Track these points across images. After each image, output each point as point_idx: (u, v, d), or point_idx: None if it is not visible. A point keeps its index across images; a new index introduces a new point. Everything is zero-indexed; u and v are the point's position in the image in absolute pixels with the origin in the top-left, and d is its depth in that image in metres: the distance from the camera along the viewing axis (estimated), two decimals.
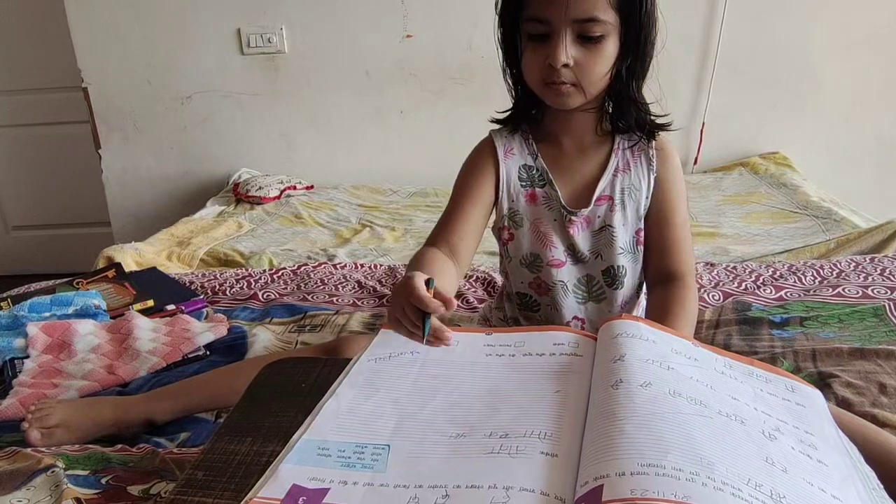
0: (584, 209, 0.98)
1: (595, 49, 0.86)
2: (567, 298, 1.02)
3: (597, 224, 1.00)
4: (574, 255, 1.01)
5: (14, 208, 3.19)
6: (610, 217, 0.98)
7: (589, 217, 0.99)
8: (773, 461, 0.52)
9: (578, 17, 0.83)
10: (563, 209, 0.99)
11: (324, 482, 0.54)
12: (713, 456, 0.50)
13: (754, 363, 0.71)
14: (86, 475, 0.79)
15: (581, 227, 1.00)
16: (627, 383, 0.59)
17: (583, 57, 0.86)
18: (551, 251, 1.00)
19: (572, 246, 1.00)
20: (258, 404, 0.71)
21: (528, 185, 1.00)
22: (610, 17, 0.84)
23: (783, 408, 0.63)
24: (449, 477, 0.54)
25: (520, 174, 1.00)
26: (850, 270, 1.39)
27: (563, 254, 1.01)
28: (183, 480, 0.59)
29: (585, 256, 1.01)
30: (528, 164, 1.00)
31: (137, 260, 1.80)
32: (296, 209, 2.33)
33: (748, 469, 0.50)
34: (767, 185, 2.28)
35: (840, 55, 2.44)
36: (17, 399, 1.04)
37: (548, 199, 1.00)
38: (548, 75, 0.88)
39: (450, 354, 0.72)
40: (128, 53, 2.63)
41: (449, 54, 2.56)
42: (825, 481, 0.52)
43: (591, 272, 1.02)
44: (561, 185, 0.99)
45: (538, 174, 1.00)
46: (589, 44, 0.86)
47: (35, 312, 1.30)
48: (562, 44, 0.85)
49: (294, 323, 1.35)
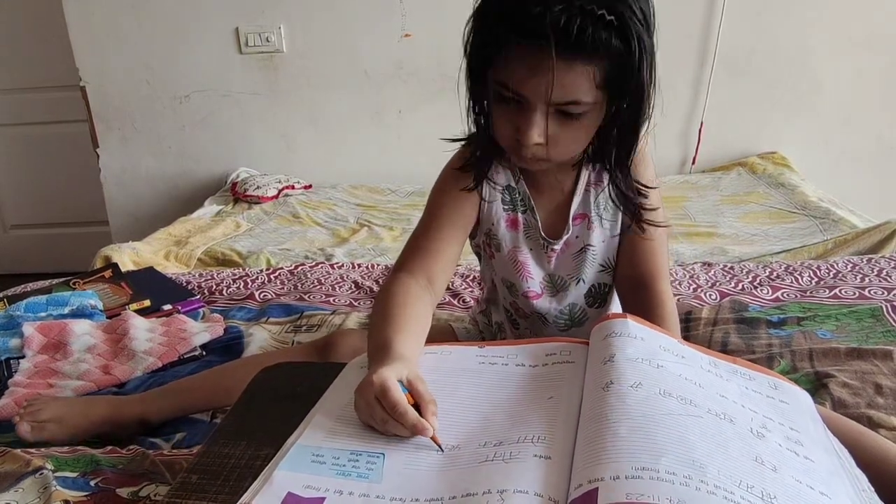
0: (564, 236, 0.93)
1: (574, 125, 0.76)
2: (546, 328, 0.99)
3: (576, 246, 0.94)
4: (553, 284, 0.97)
5: (12, 207, 3.18)
6: (588, 236, 0.93)
7: (568, 241, 0.94)
8: (763, 460, 0.52)
9: (557, 101, 0.73)
10: (541, 239, 0.94)
11: (319, 491, 0.54)
12: (705, 458, 0.50)
13: (737, 361, 0.71)
14: (75, 477, 0.78)
15: (559, 254, 0.95)
16: (618, 384, 0.59)
17: (558, 132, 0.76)
18: (527, 282, 0.96)
19: (551, 276, 0.96)
20: (253, 408, 0.71)
21: (510, 210, 0.93)
22: (594, 97, 0.74)
23: (768, 405, 0.63)
24: (444, 489, 0.54)
25: (503, 197, 0.93)
26: (847, 271, 1.39)
27: (539, 285, 0.97)
28: (177, 484, 0.59)
29: (566, 283, 0.96)
30: (511, 186, 0.93)
31: (135, 259, 1.80)
32: (294, 209, 2.33)
33: (739, 470, 0.50)
34: (765, 185, 2.28)
35: (839, 55, 2.44)
36: (12, 399, 1.03)
37: (528, 226, 0.94)
38: (517, 146, 0.79)
39: (443, 363, 0.72)
40: (126, 52, 2.63)
41: (447, 54, 2.55)
42: (813, 478, 0.53)
43: (573, 300, 0.98)
44: (540, 211, 0.93)
45: (520, 198, 0.93)
46: (567, 119, 0.76)
47: (31, 312, 1.30)
48: (535, 123, 0.74)
49: (290, 323, 1.35)
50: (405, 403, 0.59)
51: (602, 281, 0.97)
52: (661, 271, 0.92)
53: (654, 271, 0.91)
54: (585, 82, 0.72)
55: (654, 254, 0.92)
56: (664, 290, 0.90)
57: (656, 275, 0.91)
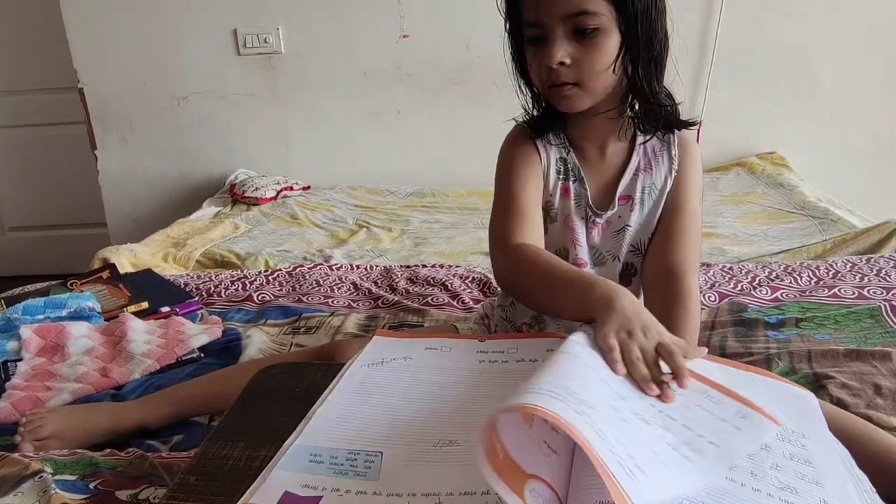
0: (608, 211, 0.96)
1: (591, 44, 0.83)
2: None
3: (616, 225, 0.98)
4: (595, 257, 0.99)
5: (10, 209, 3.18)
6: (628, 216, 0.97)
7: (610, 219, 0.97)
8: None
9: (568, 12, 0.81)
10: (588, 209, 0.97)
11: (316, 490, 0.54)
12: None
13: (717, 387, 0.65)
14: (74, 480, 0.78)
15: (602, 228, 0.98)
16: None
17: (579, 53, 0.83)
18: (577, 249, 0.98)
19: (594, 247, 0.99)
20: (251, 409, 0.71)
21: (563, 179, 0.97)
22: (603, 8, 0.81)
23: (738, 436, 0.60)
24: (442, 484, 0.53)
25: (557, 167, 0.96)
26: (847, 271, 1.39)
27: (587, 254, 0.99)
28: (175, 485, 0.59)
29: (605, 259, 0.99)
30: (562, 157, 0.97)
31: (133, 261, 1.79)
32: (292, 210, 2.33)
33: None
34: (764, 185, 2.28)
35: (838, 55, 2.44)
36: (9, 402, 1.03)
37: (578, 196, 0.97)
38: (548, 77, 0.85)
39: (443, 361, 0.72)
40: (124, 54, 2.63)
41: (446, 55, 2.55)
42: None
43: (610, 276, 0.99)
44: (590, 183, 0.97)
45: (571, 168, 0.97)
46: (585, 39, 0.82)
47: (29, 315, 1.30)
48: (555, 43, 0.82)
49: (289, 325, 1.35)
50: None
51: (631, 261, 0.99)
52: (693, 265, 0.93)
53: (686, 264, 0.92)
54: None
55: (689, 245, 0.94)
56: (693, 283, 0.91)
57: (687, 268, 0.92)
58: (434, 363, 0.72)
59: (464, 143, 2.59)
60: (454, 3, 2.49)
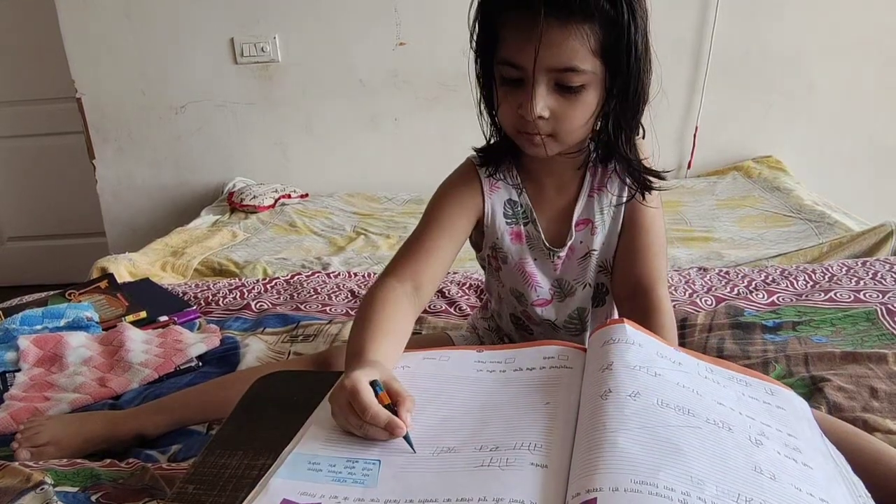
0: (567, 242, 0.94)
1: (575, 99, 0.78)
2: (557, 333, 1.00)
3: (581, 251, 0.95)
4: (561, 290, 0.98)
5: (9, 219, 3.18)
6: (591, 240, 0.94)
7: (573, 246, 0.95)
8: (762, 469, 0.53)
9: (555, 66, 0.75)
10: (545, 248, 0.95)
11: (314, 497, 0.54)
12: (703, 472, 0.50)
13: (731, 367, 0.71)
14: (75, 492, 0.78)
15: (566, 258, 0.95)
16: (616, 393, 0.59)
17: (559, 107, 0.78)
18: (536, 291, 0.97)
19: (558, 281, 0.97)
20: (250, 417, 0.71)
21: (512, 223, 0.94)
22: (591, 65, 0.75)
23: (765, 411, 0.63)
24: (439, 491, 0.54)
25: (505, 210, 0.93)
26: (843, 274, 1.39)
27: (549, 292, 0.97)
28: (174, 494, 0.59)
29: (573, 288, 0.97)
30: (512, 200, 0.94)
31: (131, 270, 1.79)
32: (290, 218, 2.33)
33: (738, 482, 0.50)
34: (761, 188, 2.29)
35: (833, 58, 2.45)
36: (8, 413, 1.03)
37: (531, 238, 0.95)
38: (521, 125, 0.80)
39: (440, 369, 0.72)
40: (121, 64, 2.64)
41: (443, 61, 2.56)
42: (812, 485, 0.53)
43: (581, 304, 0.99)
44: (542, 221, 0.94)
45: (522, 211, 0.94)
46: (568, 94, 0.77)
47: (27, 325, 1.30)
48: (536, 95, 0.76)
49: (287, 333, 1.35)
50: (376, 405, 0.59)
51: (602, 281, 0.98)
52: (660, 276, 0.91)
53: (653, 277, 0.90)
54: (581, 47, 0.74)
55: (653, 258, 0.91)
56: (663, 296, 0.89)
57: (655, 280, 0.90)
58: (432, 372, 0.72)
59: (461, 150, 2.58)
60: (450, 10, 2.50)
